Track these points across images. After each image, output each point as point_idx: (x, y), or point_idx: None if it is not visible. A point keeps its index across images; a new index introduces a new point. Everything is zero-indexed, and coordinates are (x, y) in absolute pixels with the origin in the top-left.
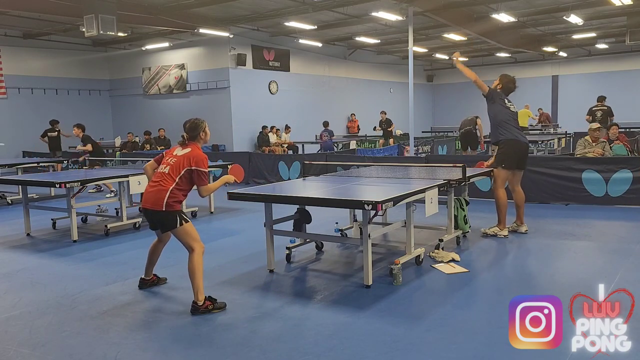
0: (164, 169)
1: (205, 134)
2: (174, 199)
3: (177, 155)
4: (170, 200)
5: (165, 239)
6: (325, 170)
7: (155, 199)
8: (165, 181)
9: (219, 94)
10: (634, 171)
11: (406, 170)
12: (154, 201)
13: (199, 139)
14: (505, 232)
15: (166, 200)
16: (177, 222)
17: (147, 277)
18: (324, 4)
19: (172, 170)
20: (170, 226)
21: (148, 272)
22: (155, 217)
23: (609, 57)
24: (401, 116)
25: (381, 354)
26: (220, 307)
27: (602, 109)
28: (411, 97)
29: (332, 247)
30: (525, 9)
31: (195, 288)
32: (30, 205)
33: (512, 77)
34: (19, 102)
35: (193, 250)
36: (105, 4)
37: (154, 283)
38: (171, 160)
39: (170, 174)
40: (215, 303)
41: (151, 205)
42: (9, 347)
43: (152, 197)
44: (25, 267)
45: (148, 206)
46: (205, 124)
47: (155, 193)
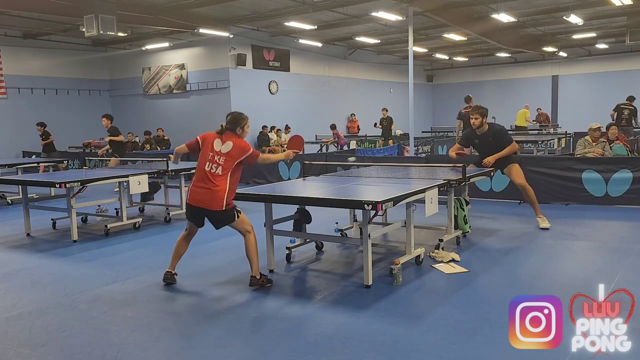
0: (215, 170)
1: (243, 131)
2: (231, 196)
3: (223, 153)
4: (230, 199)
5: (194, 233)
6: (325, 170)
7: (213, 200)
8: (220, 181)
9: (219, 94)
10: (634, 171)
11: (406, 170)
12: (210, 202)
13: (237, 132)
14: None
15: (226, 201)
16: (235, 216)
17: (172, 270)
18: (324, 4)
19: (225, 170)
20: (229, 221)
21: (173, 265)
22: (213, 216)
23: (609, 57)
24: (401, 116)
25: (381, 354)
26: (270, 281)
27: (630, 108)
28: (411, 97)
29: (332, 247)
30: (525, 9)
31: (252, 264)
32: (30, 205)
33: None
34: (19, 102)
35: (249, 233)
36: (105, 4)
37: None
38: (220, 159)
39: (224, 174)
40: (267, 279)
41: (207, 205)
42: (9, 347)
43: (207, 199)
44: (25, 267)
45: (203, 206)
46: (247, 121)
47: (211, 194)
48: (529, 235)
